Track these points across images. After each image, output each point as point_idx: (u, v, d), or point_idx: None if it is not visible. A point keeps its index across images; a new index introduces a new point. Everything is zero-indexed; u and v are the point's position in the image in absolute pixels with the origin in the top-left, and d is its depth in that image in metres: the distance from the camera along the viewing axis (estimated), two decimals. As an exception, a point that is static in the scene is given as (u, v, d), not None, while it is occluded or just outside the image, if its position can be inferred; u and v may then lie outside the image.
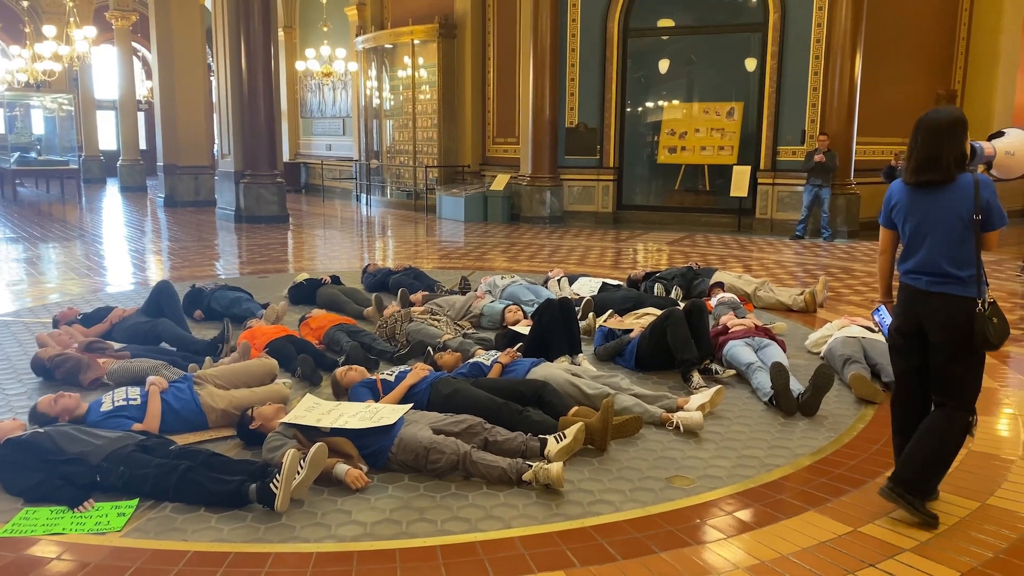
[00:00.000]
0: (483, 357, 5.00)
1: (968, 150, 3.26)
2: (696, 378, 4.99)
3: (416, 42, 16.96)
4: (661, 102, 14.67)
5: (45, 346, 5.42)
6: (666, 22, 14.45)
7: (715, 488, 3.64)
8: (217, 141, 15.96)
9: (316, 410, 4.05)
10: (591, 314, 6.49)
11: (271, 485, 3.32)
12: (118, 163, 22.90)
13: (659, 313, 5.66)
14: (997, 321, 3.15)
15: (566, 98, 14.30)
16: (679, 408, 4.46)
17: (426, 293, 7.34)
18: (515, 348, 5.13)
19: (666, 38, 14.65)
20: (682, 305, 5.82)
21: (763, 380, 4.81)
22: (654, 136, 14.49)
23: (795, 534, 3.21)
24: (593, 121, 14.26)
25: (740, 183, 13.22)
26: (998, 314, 3.17)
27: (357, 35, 18.80)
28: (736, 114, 13.58)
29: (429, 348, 5.54)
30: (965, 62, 14.51)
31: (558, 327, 5.30)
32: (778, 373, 4.66)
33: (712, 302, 6.62)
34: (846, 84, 12.30)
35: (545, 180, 14.44)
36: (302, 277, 8.02)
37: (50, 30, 18.02)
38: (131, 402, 4.21)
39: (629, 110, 14.46)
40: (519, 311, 6.29)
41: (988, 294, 3.19)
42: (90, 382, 4.97)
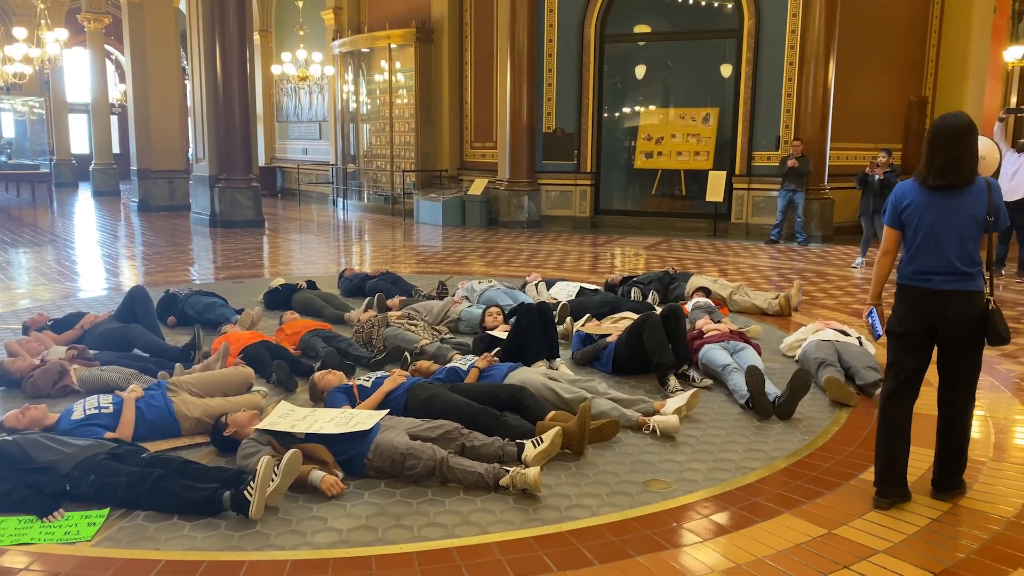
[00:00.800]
0: (460, 362, 4.99)
1: None
2: (672, 382, 5.01)
3: (393, 46, 16.92)
4: (638, 107, 14.75)
5: (15, 354, 5.33)
6: (642, 28, 14.53)
7: (691, 491, 3.65)
8: (192, 145, 15.82)
9: (291, 416, 4.02)
10: (568, 318, 6.50)
11: (245, 492, 3.29)
12: (90, 167, 22.61)
13: (636, 317, 5.68)
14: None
15: (543, 103, 14.34)
16: (656, 412, 4.47)
17: (403, 298, 7.31)
18: (492, 353, 5.12)
19: (642, 43, 14.74)
20: (659, 309, 5.85)
21: (739, 382, 4.84)
22: (631, 141, 14.56)
23: (770, 537, 3.22)
24: (570, 126, 14.31)
25: (716, 188, 13.31)
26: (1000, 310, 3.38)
27: (333, 39, 18.72)
28: (712, 119, 13.68)
29: (406, 353, 5.52)
30: (935, 69, 14.73)
31: (536, 332, 5.30)
32: (753, 376, 4.69)
33: (688, 306, 6.66)
34: (820, 90, 12.44)
35: (523, 185, 14.46)
36: (278, 282, 7.96)
37: (20, 32, 17.80)
38: (103, 410, 4.14)
39: (606, 115, 14.52)
40: (500, 315, 6.29)
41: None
42: (59, 389, 4.89)
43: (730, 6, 13.29)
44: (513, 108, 14.13)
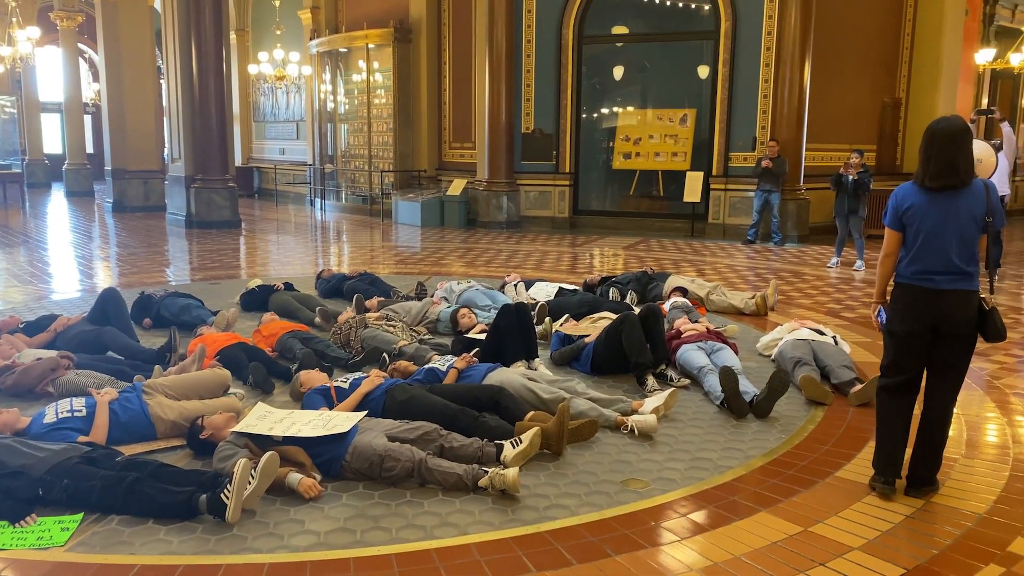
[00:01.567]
0: (439, 363, 4.98)
1: None
2: (651, 381, 5.04)
3: (371, 46, 16.86)
4: (616, 108, 14.80)
5: (-14, 357, 5.25)
6: (620, 29, 14.59)
7: (669, 491, 3.67)
8: (167, 145, 15.66)
9: (268, 418, 3.99)
10: (547, 319, 6.51)
11: (222, 495, 3.26)
12: (64, 167, 22.32)
13: (614, 317, 5.70)
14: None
15: (522, 103, 14.35)
16: (634, 411, 4.49)
17: (381, 299, 7.29)
18: (471, 353, 5.12)
19: (620, 45, 14.80)
20: (637, 309, 5.87)
21: (714, 383, 4.87)
22: (609, 142, 14.61)
23: (748, 535, 3.25)
24: (549, 127, 14.33)
25: (693, 188, 13.39)
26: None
27: (311, 38, 18.61)
28: (689, 120, 13.76)
29: (384, 355, 5.50)
30: (909, 71, 14.91)
31: (514, 332, 5.30)
32: (727, 377, 4.72)
33: (666, 306, 6.69)
34: (795, 91, 12.55)
35: (502, 185, 14.47)
36: (255, 283, 7.90)
37: (-9, 30, 17.52)
38: (76, 413, 4.09)
39: (584, 116, 14.56)
40: (470, 314, 6.30)
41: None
42: (44, 385, 4.82)
43: (707, 8, 13.37)
44: (492, 108, 14.14)
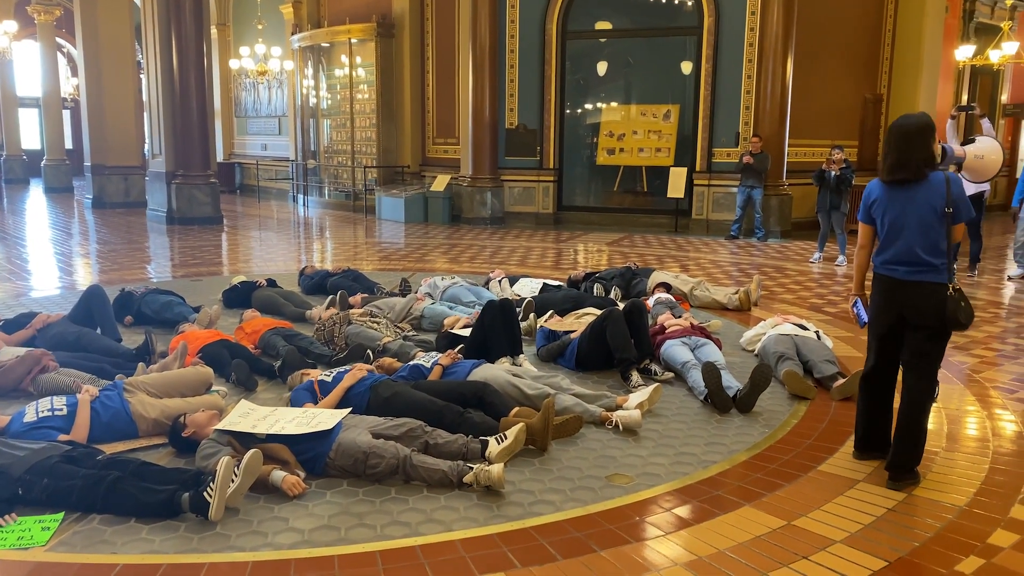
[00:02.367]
0: (424, 359, 4.97)
1: (939, 151, 3.52)
2: (635, 377, 5.05)
3: (353, 41, 16.77)
4: (599, 104, 14.81)
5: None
6: (604, 24, 14.60)
7: (654, 486, 3.68)
8: (148, 140, 15.53)
9: (251, 416, 3.96)
10: (532, 315, 6.51)
11: (205, 493, 3.24)
12: (42, 163, 22.08)
13: (599, 313, 5.71)
14: (964, 305, 3.53)
15: (506, 99, 14.33)
16: (618, 407, 4.50)
17: (365, 295, 7.26)
18: (456, 350, 5.11)
19: (604, 40, 14.81)
20: (621, 305, 5.88)
21: (698, 379, 4.89)
22: (593, 138, 14.63)
23: (731, 529, 3.27)
24: (533, 122, 14.32)
25: (677, 184, 13.44)
26: (965, 299, 3.55)
27: (293, 33, 18.50)
28: (672, 116, 13.80)
29: (368, 351, 5.48)
30: (890, 67, 15.04)
31: (499, 328, 5.30)
32: (710, 372, 4.75)
33: (650, 302, 6.71)
34: (778, 87, 12.62)
35: (486, 181, 14.44)
36: (237, 280, 7.85)
37: (-33, 24, 17.28)
38: (56, 412, 4.04)
39: (568, 112, 14.56)
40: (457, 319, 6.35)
41: (957, 281, 3.61)
42: (29, 380, 4.76)
43: (690, 4, 13.40)
44: (475, 104, 14.10)
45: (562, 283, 7.94)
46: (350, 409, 4.11)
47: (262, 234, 13.82)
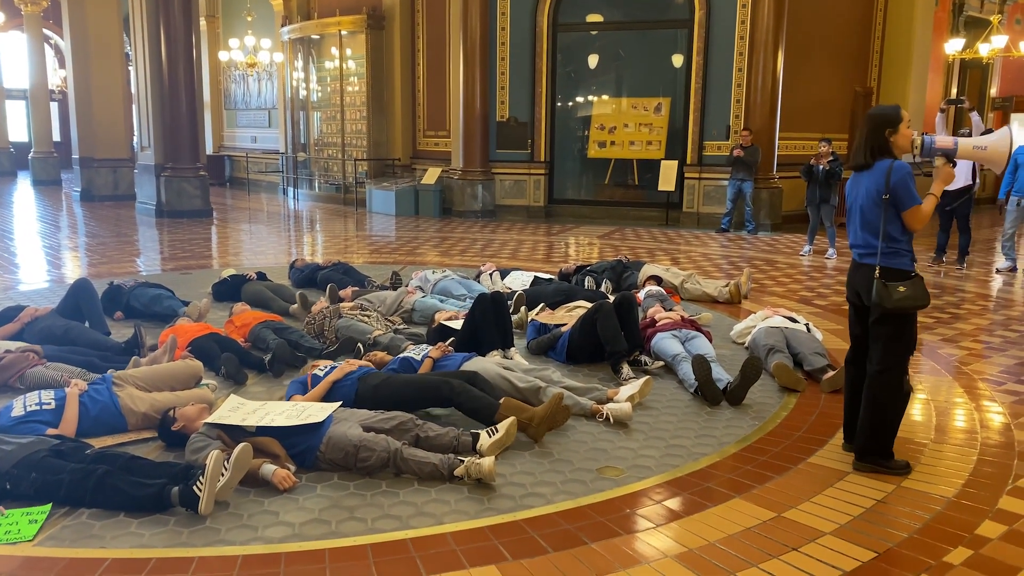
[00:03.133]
0: (414, 352, 4.96)
1: (918, 143, 3.64)
2: (626, 369, 5.06)
3: (344, 33, 16.69)
4: (591, 97, 14.79)
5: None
6: (595, 17, 14.57)
7: (644, 478, 3.69)
8: (136, 133, 15.41)
9: (241, 410, 3.95)
10: (523, 308, 6.50)
11: (194, 488, 3.23)
12: (30, 155, 21.92)
13: (590, 306, 5.71)
14: (904, 290, 3.59)
15: (497, 92, 14.29)
16: (609, 399, 4.51)
17: (356, 289, 7.24)
18: (447, 342, 5.10)
19: (595, 33, 14.78)
20: (612, 298, 5.88)
21: (688, 371, 4.91)
22: (584, 131, 14.61)
23: (722, 521, 3.28)
24: (524, 115, 14.29)
25: (668, 177, 13.44)
26: (917, 286, 3.61)
27: (283, 25, 18.39)
28: (664, 109, 13.80)
29: (359, 345, 5.47)
30: (880, 61, 15.07)
31: (490, 322, 5.29)
32: (700, 365, 4.76)
33: (641, 295, 6.71)
34: (769, 80, 12.63)
35: (477, 174, 14.42)
36: (227, 273, 7.81)
37: (-47, 15, 17.10)
38: (45, 406, 4.01)
39: (559, 104, 14.54)
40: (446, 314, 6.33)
41: (916, 268, 3.70)
42: (16, 377, 4.74)
43: (681, -4, 13.40)
44: (466, 97, 14.07)
45: (553, 276, 7.93)
46: (341, 403, 4.10)
47: (252, 227, 13.76)
